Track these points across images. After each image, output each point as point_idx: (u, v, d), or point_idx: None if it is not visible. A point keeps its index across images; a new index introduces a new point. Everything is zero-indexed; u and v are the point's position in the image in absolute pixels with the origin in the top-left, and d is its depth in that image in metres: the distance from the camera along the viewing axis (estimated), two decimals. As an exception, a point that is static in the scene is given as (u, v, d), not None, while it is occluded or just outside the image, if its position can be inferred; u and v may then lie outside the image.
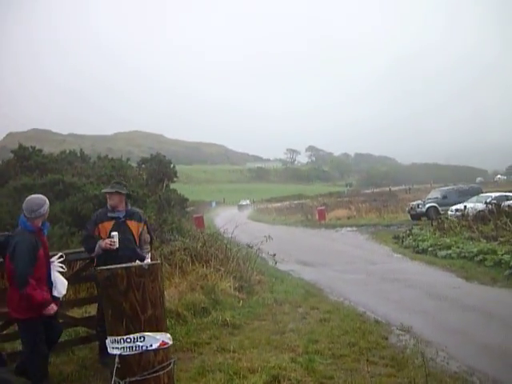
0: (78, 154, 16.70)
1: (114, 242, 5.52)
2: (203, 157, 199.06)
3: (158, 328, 1.99)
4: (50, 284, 4.75)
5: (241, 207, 67.08)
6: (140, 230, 5.89)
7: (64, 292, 4.99)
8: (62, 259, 4.94)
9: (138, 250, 5.79)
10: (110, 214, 5.77)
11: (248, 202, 73.50)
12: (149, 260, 5.88)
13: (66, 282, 4.97)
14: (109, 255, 5.41)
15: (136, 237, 5.80)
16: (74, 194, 11.58)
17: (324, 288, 10.29)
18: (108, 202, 5.83)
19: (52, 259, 4.88)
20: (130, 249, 5.63)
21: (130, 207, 6.02)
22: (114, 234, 5.62)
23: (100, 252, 5.55)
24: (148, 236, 6.16)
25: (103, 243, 5.53)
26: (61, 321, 6.09)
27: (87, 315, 6.95)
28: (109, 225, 5.67)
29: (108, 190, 5.91)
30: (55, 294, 4.78)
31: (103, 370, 5.51)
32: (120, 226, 5.70)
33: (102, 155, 18.07)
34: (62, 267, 4.94)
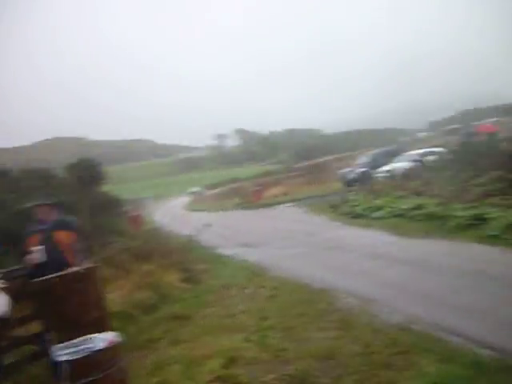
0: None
1: (34, 257, 5.27)
2: (132, 154, 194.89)
3: (103, 329, 2.02)
4: None
5: (192, 194, 68.67)
6: (72, 239, 5.71)
7: (6, 310, 4.81)
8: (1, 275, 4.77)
9: (73, 259, 5.59)
10: (38, 227, 5.60)
11: (199, 188, 75.55)
12: None
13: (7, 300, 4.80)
14: (40, 270, 5.21)
15: (67, 247, 5.54)
16: (0, 211, 11.13)
17: (268, 266, 10.42)
18: (38, 215, 5.67)
19: None
20: (57, 261, 5.25)
21: (61, 217, 5.86)
22: (35, 248, 5.37)
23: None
24: (79, 244, 5.95)
25: (26, 259, 5.34)
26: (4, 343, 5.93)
27: (32, 332, 6.77)
28: (35, 238, 5.48)
29: (32, 203, 5.74)
30: None
31: None
32: (46, 238, 5.48)
33: (25, 167, 17.33)
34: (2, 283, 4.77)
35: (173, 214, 35.42)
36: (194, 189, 74.80)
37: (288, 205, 26.82)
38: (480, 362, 4.26)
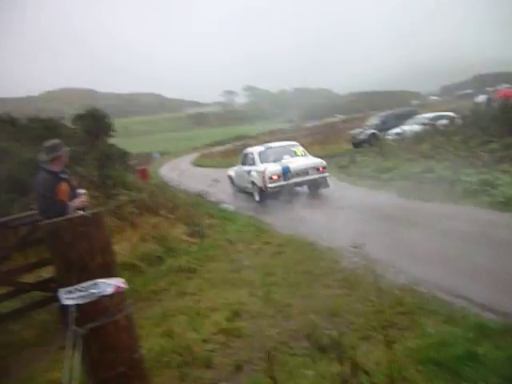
0: (6, 118, 15.89)
1: (83, 200, 5.55)
2: (139, 108, 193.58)
3: (109, 274, 2.00)
4: None
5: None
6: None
7: None
8: None
9: None
10: (62, 175, 5.59)
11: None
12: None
13: None
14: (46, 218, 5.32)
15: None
16: (8, 160, 11.12)
17: (274, 223, 10.46)
18: (57, 163, 5.59)
19: None
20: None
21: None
22: (83, 191, 5.61)
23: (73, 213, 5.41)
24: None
25: (78, 202, 5.46)
26: (14, 288, 6.02)
27: (40, 279, 6.87)
28: (64, 186, 5.50)
29: (63, 151, 5.68)
30: None
31: (65, 330, 5.51)
32: (71, 185, 5.64)
33: (32, 117, 17.25)
34: None
35: (180, 169, 35.40)
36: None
37: (296, 164, 26.63)
38: (483, 325, 4.27)
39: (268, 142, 20.11)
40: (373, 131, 28.56)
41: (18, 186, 10.33)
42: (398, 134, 23.40)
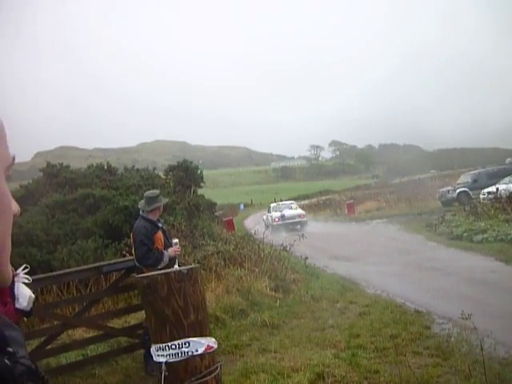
0: (105, 167, 16.86)
1: (177, 250, 5.84)
2: (227, 160, 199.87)
3: (201, 333, 1.97)
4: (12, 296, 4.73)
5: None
6: None
7: (26, 305, 4.49)
8: (26, 270, 4.89)
9: None
10: (158, 224, 5.84)
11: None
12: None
13: (29, 295, 4.58)
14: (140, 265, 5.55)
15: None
16: (104, 207, 11.70)
17: (360, 282, 10.17)
18: (155, 213, 5.83)
19: (17, 271, 4.85)
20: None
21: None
22: (176, 240, 5.83)
23: (167, 262, 5.60)
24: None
25: (172, 251, 5.69)
26: (102, 332, 6.18)
27: (127, 325, 7.02)
28: (160, 235, 5.72)
29: (163, 201, 5.97)
30: (17, 306, 4.74)
31: (148, 379, 5.55)
32: (165, 234, 5.89)
33: (128, 167, 18.22)
34: (27, 278, 4.88)
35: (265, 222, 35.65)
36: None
37: (380, 221, 26.15)
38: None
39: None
40: (464, 189, 27.57)
41: (112, 232, 10.80)
42: (490, 192, 22.31)
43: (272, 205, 30.77)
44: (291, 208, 28.68)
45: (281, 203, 31.71)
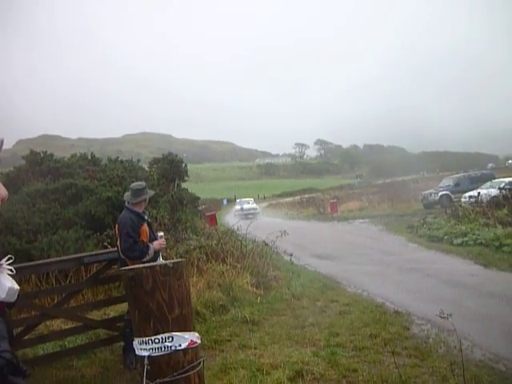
0: (89, 157, 16.68)
1: (163, 242, 5.77)
2: (212, 155, 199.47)
3: (186, 327, 1.96)
4: None
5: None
6: None
7: (4, 296, 3.66)
8: (11, 261, 4.74)
9: None
10: (144, 217, 5.79)
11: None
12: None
13: (12, 286, 3.60)
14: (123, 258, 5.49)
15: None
16: (86, 198, 11.56)
17: (341, 281, 10.22)
18: (141, 205, 5.77)
19: (1, 261, 4.73)
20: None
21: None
22: (161, 234, 5.84)
23: (152, 255, 5.54)
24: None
25: (157, 244, 5.64)
26: (80, 324, 6.12)
27: (107, 317, 6.97)
28: (145, 227, 5.67)
29: (149, 194, 5.90)
30: None
31: (126, 372, 5.51)
32: (150, 227, 5.84)
33: (112, 158, 18.04)
34: (10, 270, 4.69)
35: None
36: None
37: (363, 221, 26.32)
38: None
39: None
40: (446, 192, 27.89)
41: (94, 223, 10.69)
42: (471, 196, 22.59)
43: (237, 200, 48.09)
44: (249, 203, 43.14)
45: (243, 199, 46.16)
